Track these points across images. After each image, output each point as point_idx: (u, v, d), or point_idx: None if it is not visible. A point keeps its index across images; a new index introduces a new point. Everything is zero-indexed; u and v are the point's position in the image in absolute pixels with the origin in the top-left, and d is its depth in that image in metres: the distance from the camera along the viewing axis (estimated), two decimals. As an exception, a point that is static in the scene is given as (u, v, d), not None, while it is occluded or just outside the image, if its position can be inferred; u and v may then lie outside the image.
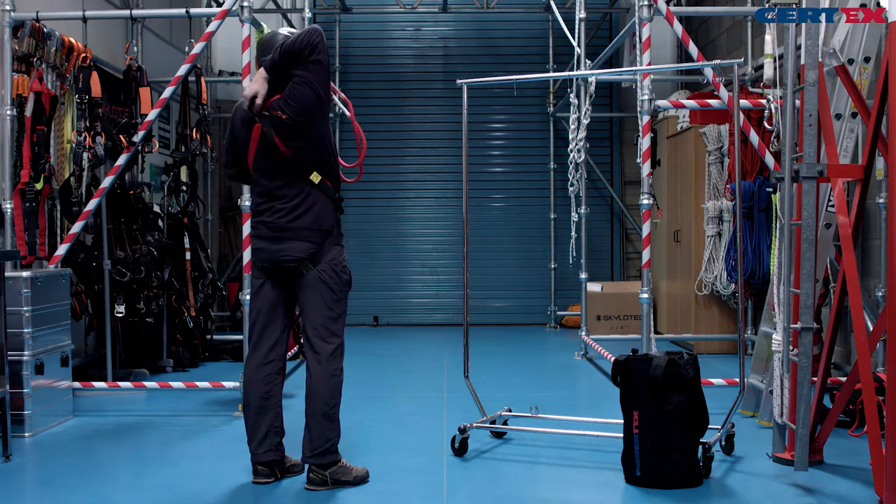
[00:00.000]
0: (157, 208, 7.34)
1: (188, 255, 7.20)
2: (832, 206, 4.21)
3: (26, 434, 4.91)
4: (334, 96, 4.22)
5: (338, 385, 3.94)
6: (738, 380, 4.79)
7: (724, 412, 4.53)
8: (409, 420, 5.35)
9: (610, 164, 10.79)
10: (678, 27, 5.64)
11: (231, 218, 10.17)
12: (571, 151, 7.61)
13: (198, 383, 5.83)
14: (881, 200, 5.69)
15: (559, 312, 10.32)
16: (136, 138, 5.92)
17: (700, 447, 4.02)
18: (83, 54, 6.12)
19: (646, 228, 5.63)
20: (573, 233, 7.83)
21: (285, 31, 4.04)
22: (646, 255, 5.62)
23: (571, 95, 7.75)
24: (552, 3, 8.65)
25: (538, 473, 4.25)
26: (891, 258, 3.56)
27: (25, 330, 4.99)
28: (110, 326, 6.37)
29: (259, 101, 3.84)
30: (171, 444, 4.82)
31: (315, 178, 3.91)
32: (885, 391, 3.63)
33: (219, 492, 3.95)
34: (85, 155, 6.04)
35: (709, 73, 5.53)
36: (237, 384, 5.58)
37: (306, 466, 3.96)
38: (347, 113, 4.36)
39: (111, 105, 6.63)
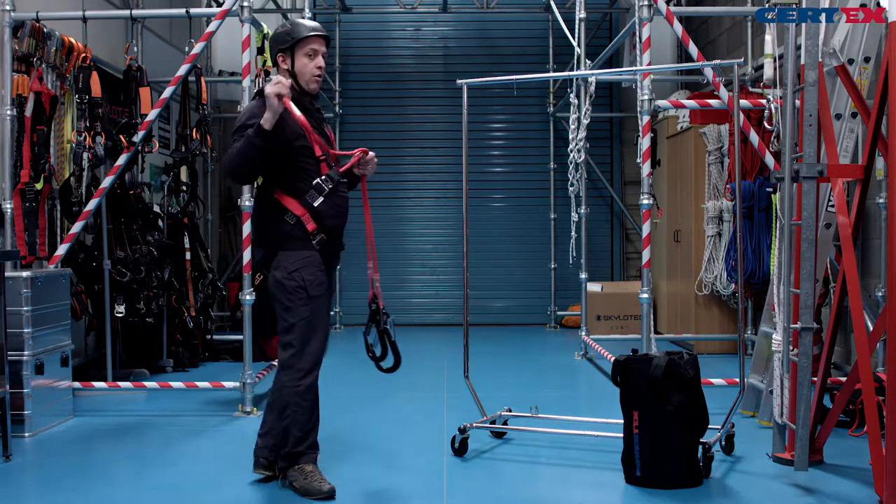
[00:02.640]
0: (157, 208, 7.34)
1: (188, 255, 7.20)
2: (832, 206, 4.21)
3: (26, 434, 4.91)
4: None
5: (288, 399, 3.79)
6: (738, 380, 4.79)
7: (724, 412, 4.53)
8: (409, 420, 5.35)
9: (610, 164, 10.79)
10: (678, 27, 5.64)
11: (231, 218, 10.16)
12: (571, 151, 7.61)
13: (198, 383, 5.83)
14: (881, 200, 5.69)
15: (559, 312, 10.32)
16: (136, 138, 5.93)
17: (700, 447, 4.02)
18: (83, 54, 6.12)
19: (646, 228, 5.63)
20: (573, 233, 7.83)
21: (305, 21, 3.93)
22: (646, 255, 5.62)
23: (571, 95, 7.75)
24: (552, 3, 8.65)
25: (538, 473, 4.25)
26: (891, 258, 3.55)
27: (25, 330, 4.99)
28: (110, 326, 6.37)
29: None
30: (171, 444, 4.82)
31: (259, 179, 3.84)
32: (885, 391, 3.63)
33: (219, 492, 3.95)
34: (85, 155, 6.04)
35: (709, 73, 5.53)
36: (237, 384, 5.59)
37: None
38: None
39: (111, 105, 6.63)
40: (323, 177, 3.82)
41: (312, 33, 3.84)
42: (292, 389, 3.81)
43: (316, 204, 3.81)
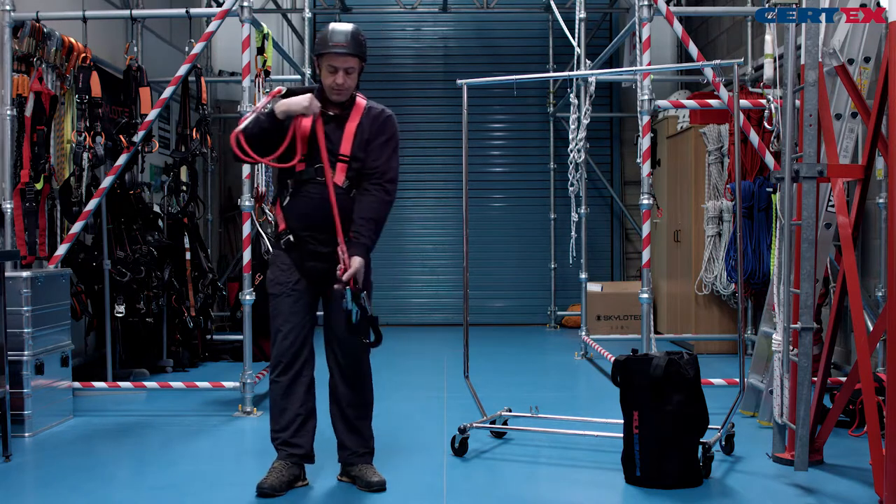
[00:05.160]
0: (157, 208, 7.34)
1: (188, 255, 7.20)
2: (832, 206, 4.22)
3: (26, 434, 4.91)
4: None
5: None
6: (738, 380, 4.79)
7: (724, 412, 4.53)
8: (409, 420, 5.35)
9: (610, 164, 10.79)
10: (678, 27, 5.64)
11: (231, 218, 10.16)
12: (571, 151, 7.61)
13: (198, 383, 5.83)
14: (881, 200, 5.68)
15: (559, 312, 10.31)
16: (136, 138, 5.92)
17: (700, 447, 4.02)
18: (83, 54, 6.12)
19: (646, 228, 5.63)
20: (573, 233, 7.83)
21: (338, 29, 3.85)
22: (646, 255, 5.62)
23: (571, 95, 7.75)
24: (552, 3, 8.65)
25: (538, 473, 4.26)
26: (891, 258, 3.56)
27: (25, 330, 4.99)
28: (110, 326, 6.37)
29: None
30: (171, 444, 4.82)
31: None
32: (885, 391, 3.63)
33: (219, 492, 3.95)
34: (85, 155, 6.03)
35: (709, 73, 5.53)
36: (237, 384, 5.58)
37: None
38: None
39: (111, 105, 6.63)
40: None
41: (330, 51, 3.76)
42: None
43: (284, 203, 3.90)
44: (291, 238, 3.87)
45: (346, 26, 3.84)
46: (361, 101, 3.94)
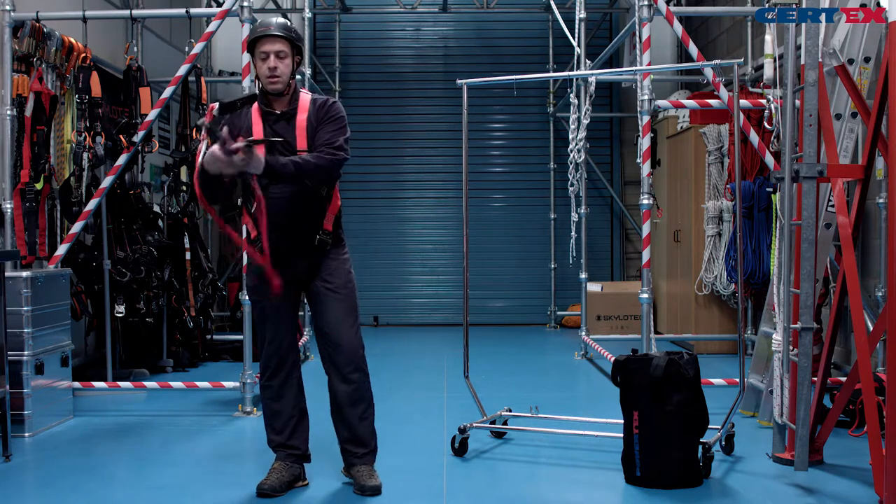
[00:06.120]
0: (157, 208, 7.34)
1: (188, 255, 7.20)
2: (832, 206, 4.22)
3: (26, 434, 4.91)
4: None
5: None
6: (738, 380, 4.79)
7: (724, 412, 4.53)
8: (409, 420, 5.35)
9: (610, 164, 10.79)
10: (678, 27, 5.64)
11: (231, 218, 10.14)
12: (571, 151, 7.61)
13: (198, 383, 5.83)
14: (881, 200, 5.68)
15: (559, 312, 10.31)
16: (136, 138, 5.93)
17: (700, 447, 4.02)
18: (83, 54, 6.12)
19: (646, 228, 5.63)
20: (573, 233, 7.83)
21: (266, 20, 3.92)
22: (646, 255, 5.62)
23: (571, 95, 7.75)
24: (552, 3, 8.64)
25: (538, 473, 4.26)
26: (891, 258, 3.55)
27: (25, 330, 4.99)
28: (110, 326, 6.37)
29: None
30: (171, 444, 4.82)
31: None
32: (885, 391, 3.63)
33: (219, 492, 3.95)
34: (85, 155, 6.04)
35: (709, 73, 5.53)
36: (237, 384, 5.59)
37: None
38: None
39: (111, 105, 6.63)
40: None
41: (259, 35, 3.76)
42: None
43: (251, 210, 3.86)
44: (261, 244, 3.82)
45: (277, 18, 3.87)
46: (306, 94, 3.90)
